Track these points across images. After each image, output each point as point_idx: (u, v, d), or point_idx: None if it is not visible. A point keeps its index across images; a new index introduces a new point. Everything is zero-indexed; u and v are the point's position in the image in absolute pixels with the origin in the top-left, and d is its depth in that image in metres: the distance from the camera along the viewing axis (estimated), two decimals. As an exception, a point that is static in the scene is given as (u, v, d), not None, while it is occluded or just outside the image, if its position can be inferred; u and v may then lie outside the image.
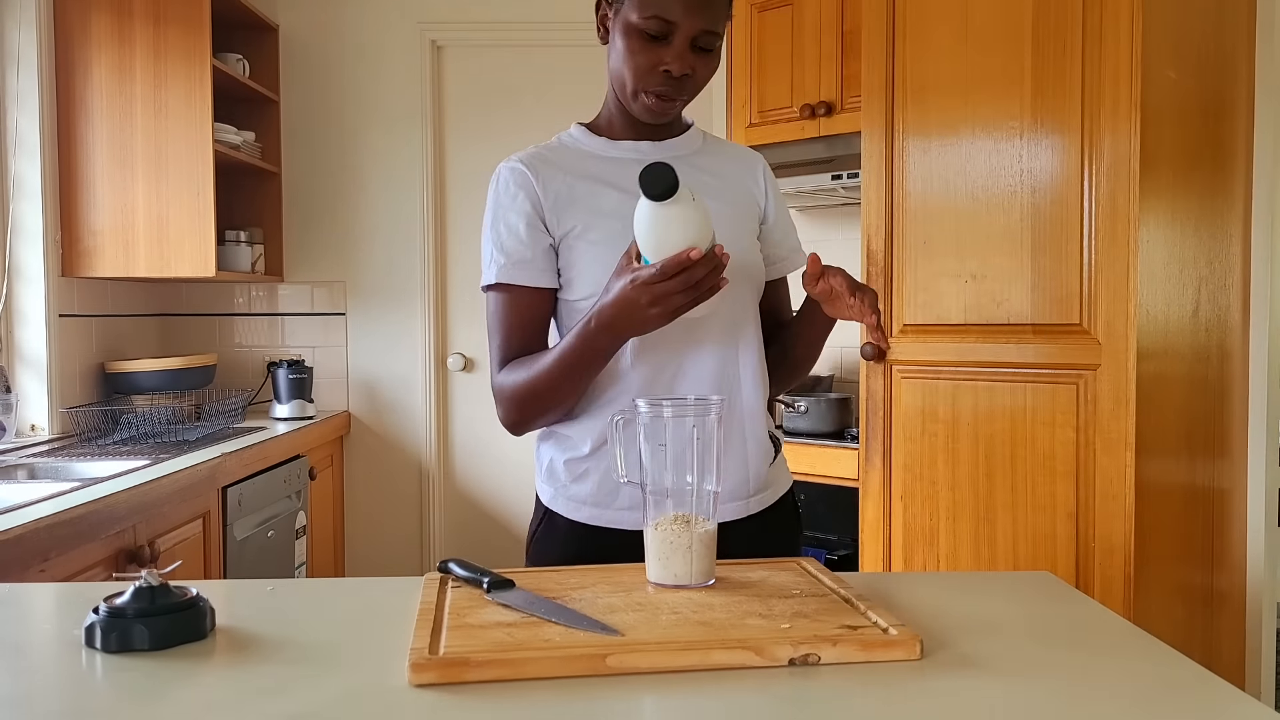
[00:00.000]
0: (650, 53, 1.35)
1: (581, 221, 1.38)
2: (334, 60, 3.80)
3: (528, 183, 1.40)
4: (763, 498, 1.46)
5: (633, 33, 1.34)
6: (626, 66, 1.36)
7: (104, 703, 0.91)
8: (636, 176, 1.36)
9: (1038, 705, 0.87)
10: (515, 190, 1.40)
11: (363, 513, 3.87)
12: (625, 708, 0.87)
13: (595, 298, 1.34)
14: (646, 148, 1.44)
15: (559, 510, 1.44)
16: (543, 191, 1.40)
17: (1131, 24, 2.08)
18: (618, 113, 1.45)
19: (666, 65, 1.34)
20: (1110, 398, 2.12)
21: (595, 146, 1.45)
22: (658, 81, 1.36)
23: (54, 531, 1.87)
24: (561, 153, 1.45)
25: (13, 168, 2.94)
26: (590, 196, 1.40)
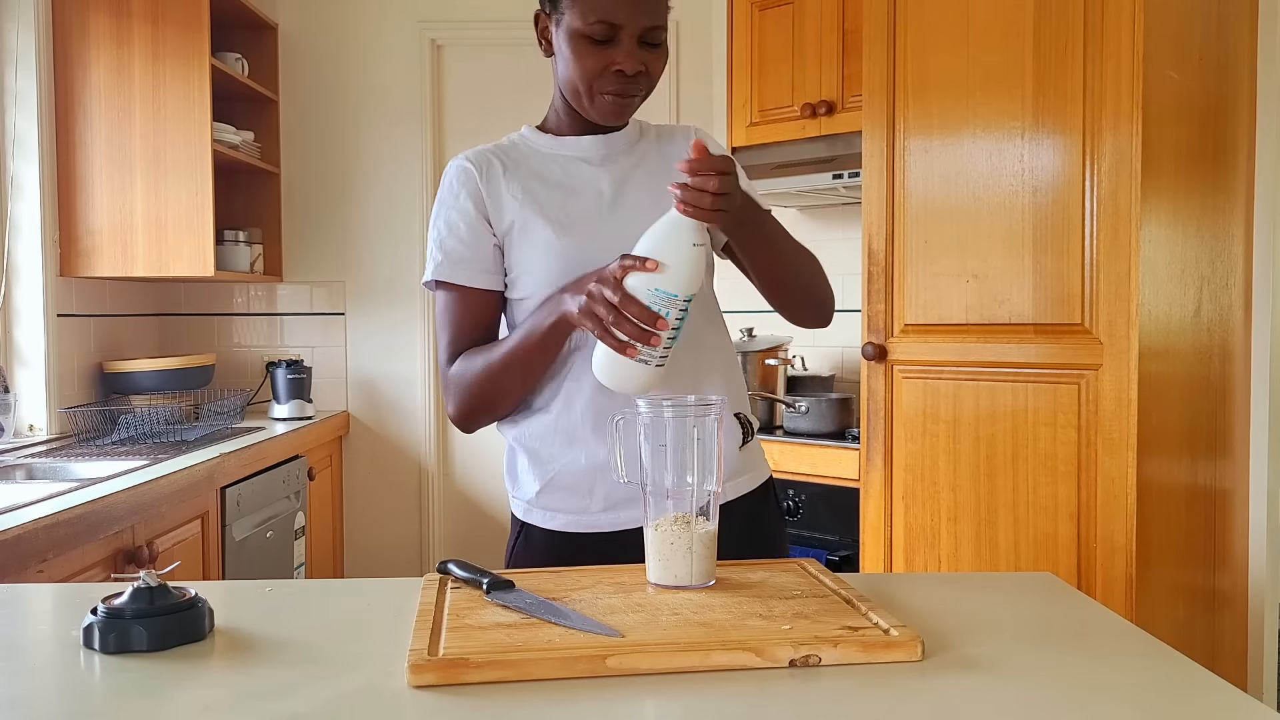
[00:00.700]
0: (599, 56, 1.35)
1: (521, 218, 1.39)
2: (334, 60, 3.79)
3: (471, 180, 1.41)
4: (737, 484, 1.44)
5: (579, 39, 1.35)
6: (578, 73, 1.36)
7: (102, 704, 0.90)
8: (579, 173, 1.39)
9: (1039, 706, 0.86)
10: (458, 189, 1.41)
11: (362, 513, 3.86)
12: (625, 709, 0.86)
13: (540, 294, 1.35)
14: (588, 143, 1.44)
15: (534, 522, 1.42)
16: (486, 189, 1.40)
17: (1133, 24, 2.08)
18: (565, 114, 1.45)
19: (619, 65, 1.34)
20: (1112, 398, 2.12)
21: (542, 144, 1.46)
22: (612, 82, 1.36)
23: (52, 532, 1.86)
24: (509, 151, 1.46)
25: (11, 167, 2.94)
26: (532, 194, 1.40)
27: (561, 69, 1.40)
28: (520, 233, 1.39)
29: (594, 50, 1.35)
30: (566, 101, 1.44)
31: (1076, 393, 2.18)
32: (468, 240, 1.39)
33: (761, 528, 1.48)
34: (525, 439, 1.42)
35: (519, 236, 1.39)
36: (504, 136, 1.50)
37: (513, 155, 1.45)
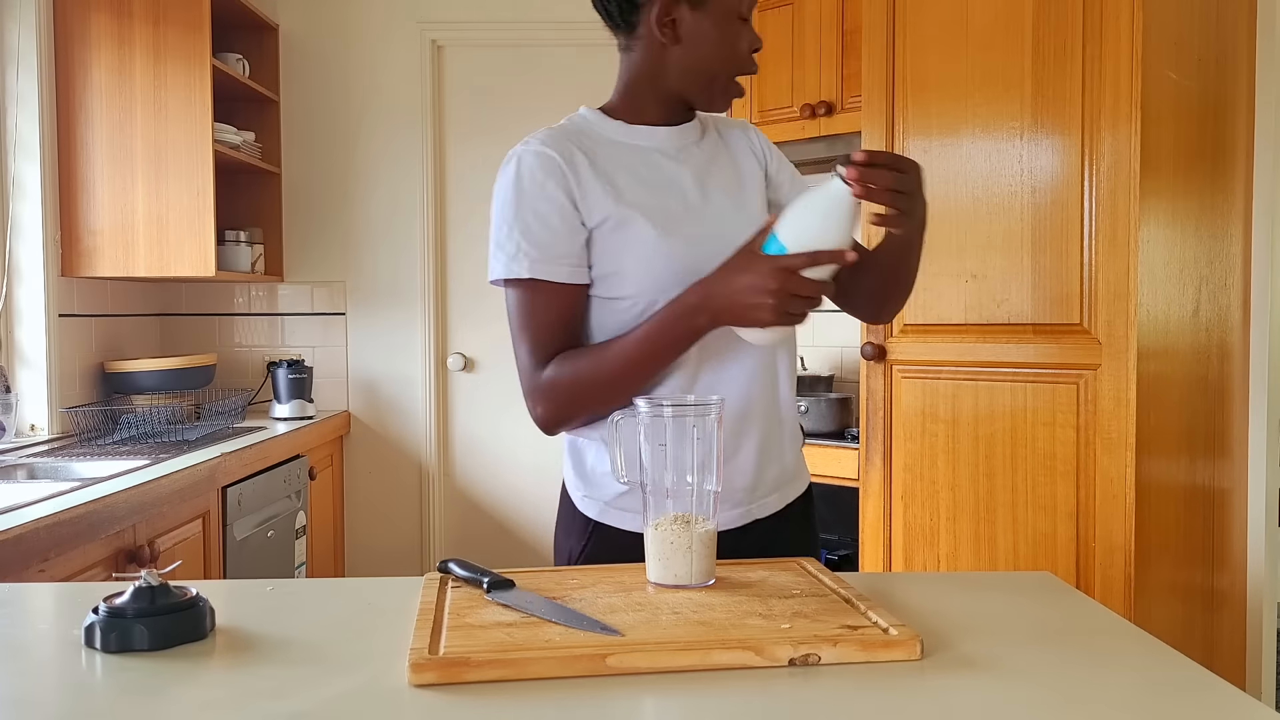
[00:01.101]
0: (744, 35, 1.34)
1: (617, 214, 1.30)
2: (334, 60, 3.79)
3: (556, 169, 1.30)
4: (796, 485, 1.46)
5: (731, 19, 1.32)
6: (725, 55, 1.33)
7: (104, 703, 0.90)
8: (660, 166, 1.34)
9: (1038, 705, 0.87)
10: (542, 177, 1.30)
11: (363, 513, 3.87)
12: (625, 708, 0.87)
13: (640, 296, 1.29)
14: (663, 134, 1.39)
15: (612, 523, 1.36)
16: (574, 178, 1.31)
17: (1132, 24, 2.08)
18: (645, 101, 1.38)
19: (755, 44, 1.35)
20: (1110, 397, 2.12)
21: (614, 131, 1.38)
22: (749, 63, 1.35)
23: (53, 531, 1.86)
24: (579, 136, 1.36)
25: (12, 168, 2.94)
26: (625, 189, 1.32)
27: (697, 55, 1.33)
28: (617, 229, 1.30)
29: (742, 29, 1.33)
30: (661, 91, 1.38)
31: (1075, 392, 2.18)
32: (561, 233, 1.29)
33: (811, 526, 1.51)
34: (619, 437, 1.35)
35: (614, 233, 1.30)
36: (563, 119, 1.40)
37: (586, 143, 1.35)
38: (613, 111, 1.41)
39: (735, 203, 1.40)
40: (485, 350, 3.88)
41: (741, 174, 1.45)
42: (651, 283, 1.30)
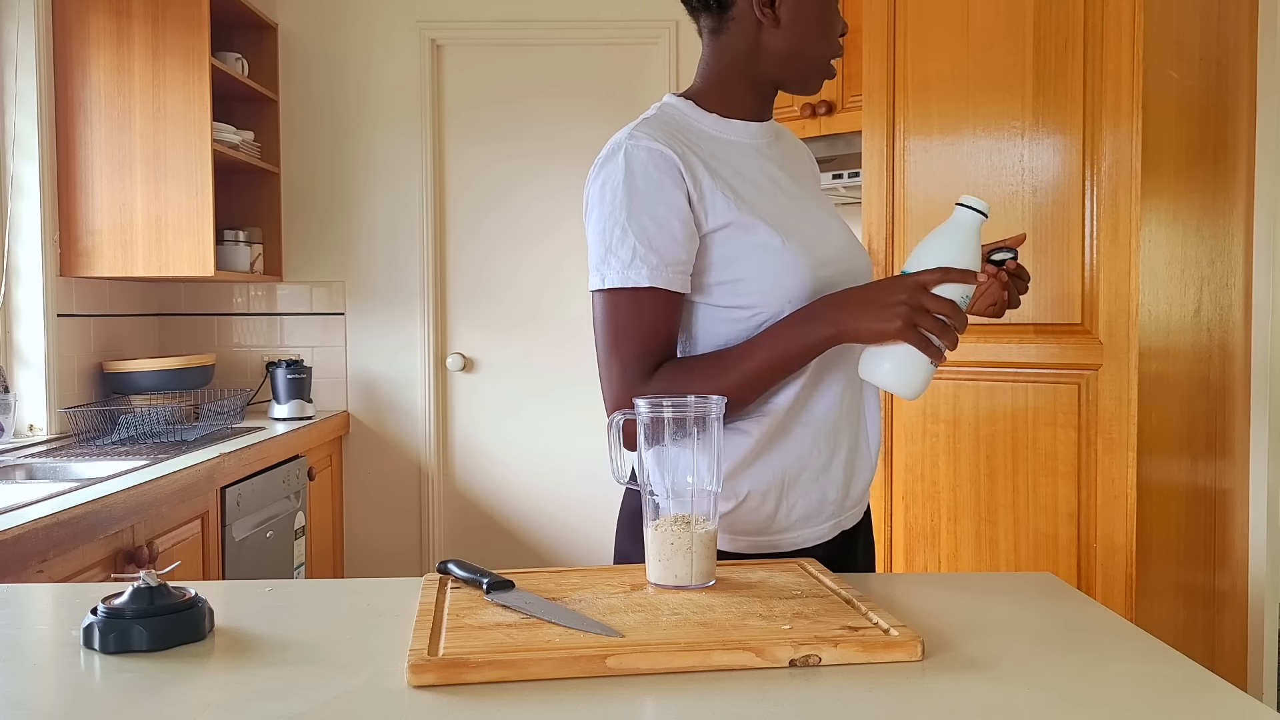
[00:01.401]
0: (838, 15, 1.34)
1: (740, 220, 1.24)
2: (333, 59, 3.79)
3: (674, 169, 1.23)
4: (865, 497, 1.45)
5: (828, 3, 1.32)
6: (826, 37, 1.32)
7: (102, 704, 0.90)
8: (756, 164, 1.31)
9: (1039, 706, 0.86)
10: (659, 177, 1.22)
11: (362, 513, 3.86)
12: (625, 709, 0.86)
13: (764, 305, 1.24)
14: (755, 129, 1.36)
15: None
16: (691, 180, 1.23)
17: (1133, 23, 2.08)
18: (737, 91, 1.34)
19: (844, 29, 1.34)
20: (1112, 398, 2.12)
21: (710, 125, 1.32)
22: (840, 46, 1.35)
23: (52, 532, 1.86)
24: (680, 131, 1.29)
25: (11, 167, 2.94)
26: (740, 191, 1.27)
27: (798, 36, 1.31)
28: (739, 235, 1.24)
29: (835, 12, 1.33)
30: (750, 76, 1.34)
31: (1076, 393, 2.17)
32: (681, 239, 1.22)
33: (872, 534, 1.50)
34: None
35: (737, 239, 1.24)
36: (651, 108, 1.33)
37: (690, 137, 1.28)
38: (703, 101, 1.34)
39: (824, 204, 1.41)
40: (484, 350, 3.87)
41: (812, 185, 1.46)
42: (777, 291, 1.24)
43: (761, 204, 1.28)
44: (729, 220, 1.24)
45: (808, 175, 1.45)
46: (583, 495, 3.82)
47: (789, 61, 1.33)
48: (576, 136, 3.79)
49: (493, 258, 3.85)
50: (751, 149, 1.34)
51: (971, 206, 1.21)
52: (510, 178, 3.82)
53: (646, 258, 1.21)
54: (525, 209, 3.83)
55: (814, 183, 1.47)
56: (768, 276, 1.25)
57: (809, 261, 1.27)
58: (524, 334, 3.86)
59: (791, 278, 1.25)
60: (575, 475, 3.83)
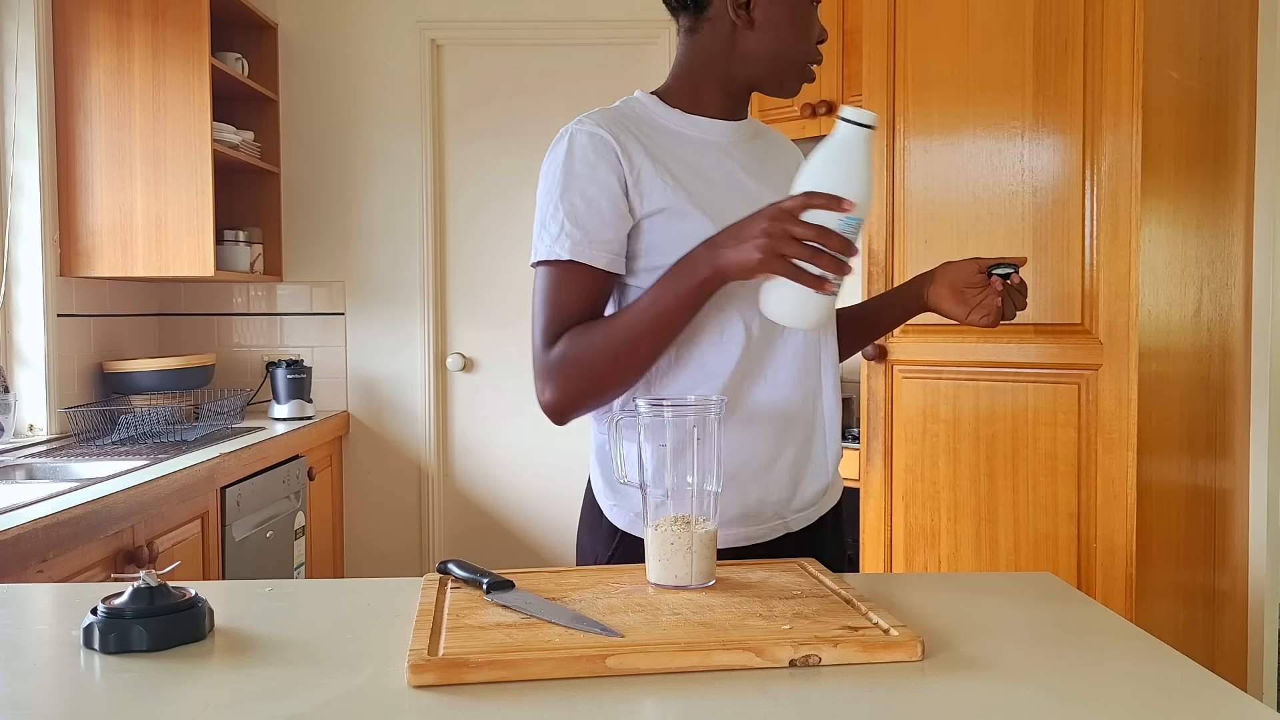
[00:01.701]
0: (815, 21, 1.34)
1: (674, 206, 1.27)
2: (333, 59, 3.79)
3: (610, 153, 1.26)
4: (830, 497, 1.43)
5: (803, 5, 1.32)
6: (802, 41, 1.32)
7: (102, 704, 0.90)
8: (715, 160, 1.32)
9: (1039, 706, 0.86)
10: (595, 159, 1.26)
11: (362, 513, 3.86)
12: (625, 709, 0.86)
13: None
14: (721, 127, 1.36)
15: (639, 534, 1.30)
16: (628, 165, 1.26)
17: (1133, 23, 2.08)
18: (705, 89, 1.35)
19: (822, 35, 1.34)
20: (1112, 398, 2.12)
21: (670, 119, 1.34)
22: (817, 53, 1.35)
23: (52, 532, 1.86)
24: (635, 121, 1.32)
25: (11, 167, 2.94)
26: (681, 179, 1.29)
27: (773, 39, 1.31)
28: (671, 221, 1.26)
29: (813, 17, 1.33)
30: (723, 77, 1.35)
31: (1076, 393, 2.17)
32: (610, 219, 1.25)
33: (840, 538, 1.49)
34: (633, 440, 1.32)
35: (670, 225, 1.26)
36: (618, 101, 1.37)
37: (643, 128, 1.31)
38: (670, 98, 1.36)
39: None
40: (484, 350, 3.87)
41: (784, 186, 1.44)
42: None
43: (703, 195, 1.29)
44: (663, 206, 1.27)
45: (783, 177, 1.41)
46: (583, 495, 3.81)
47: (764, 64, 1.34)
48: (576, 136, 3.79)
49: (492, 257, 3.84)
50: (714, 146, 1.35)
51: (852, 120, 1.11)
52: (510, 177, 3.82)
53: (572, 233, 1.24)
54: (525, 208, 3.81)
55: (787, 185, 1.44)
56: None
57: None
58: (524, 334, 3.83)
59: None
60: (575, 475, 3.81)
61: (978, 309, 1.38)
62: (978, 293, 1.38)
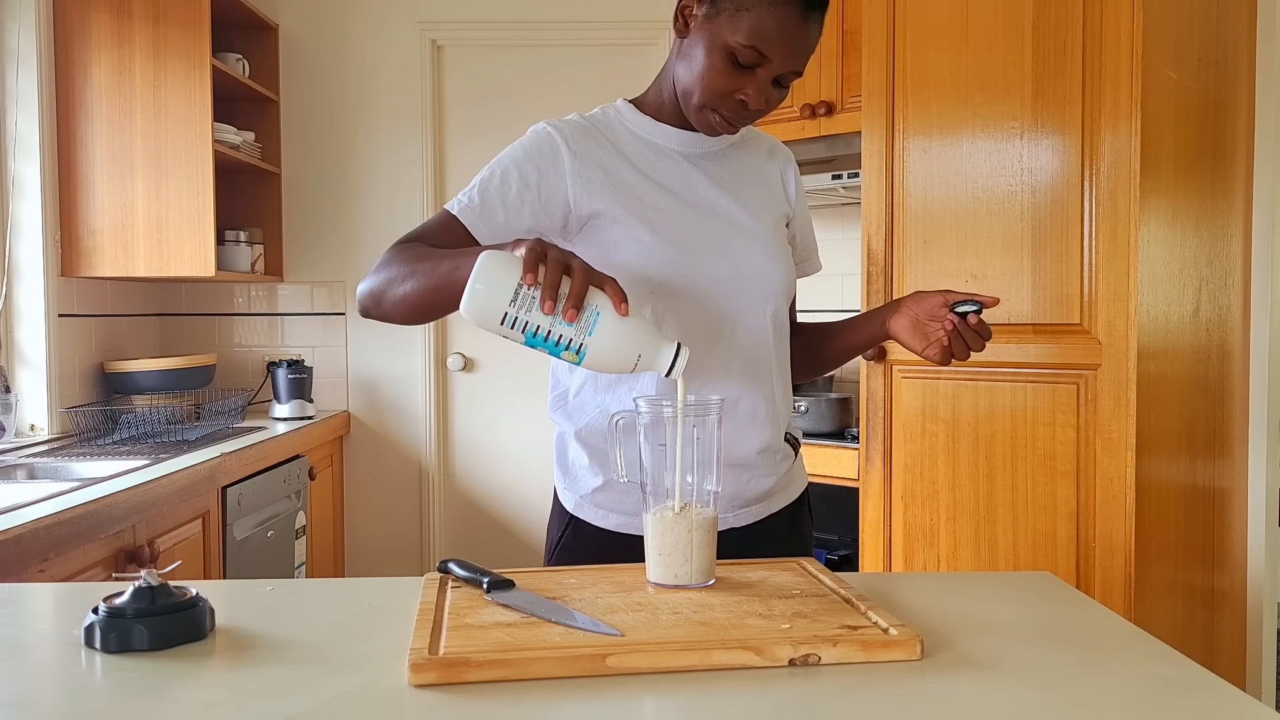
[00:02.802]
0: (732, 77, 1.27)
1: (614, 211, 1.32)
2: (334, 60, 3.79)
3: (553, 157, 1.32)
4: (783, 496, 1.46)
5: (721, 51, 1.27)
6: (701, 82, 1.29)
7: (103, 703, 0.90)
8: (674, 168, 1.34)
9: (1038, 705, 0.87)
10: (535, 155, 1.33)
11: (362, 513, 3.86)
12: (625, 708, 0.87)
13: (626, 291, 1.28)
14: (689, 138, 1.38)
15: (585, 518, 1.40)
16: (574, 169, 1.32)
17: (1132, 24, 2.08)
18: (670, 103, 1.38)
19: (744, 95, 1.28)
20: (1111, 397, 2.12)
21: (640, 125, 1.39)
22: (729, 106, 1.30)
23: (53, 532, 1.86)
24: (604, 128, 1.38)
25: (12, 167, 2.94)
26: (629, 186, 1.34)
27: (686, 66, 1.31)
28: (614, 226, 1.32)
29: (729, 69, 1.27)
30: (669, 84, 1.37)
31: (1075, 392, 2.18)
32: (510, 206, 1.31)
33: (797, 532, 1.49)
34: (587, 435, 1.38)
35: (611, 229, 1.32)
36: (597, 108, 1.42)
37: (608, 134, 1.37)
38: (643, 105, 1.41)
39: (753, 216, 1.40)
40: (485, 350, 3.87)
41: (767, 192, 1.45)
42: (636, 282, 1.30)
43: (648, 199, 1.33)
44: (601, 210, 1.32)
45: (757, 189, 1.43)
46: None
47: (679, 83, 1.34)
48: (577, 136, 3.79)
49: (493, 258, 3.84)
50: (677, 154, 1.38)
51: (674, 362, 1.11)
52: (510, 178, 3.81)
53: (473, 200, 1.32)
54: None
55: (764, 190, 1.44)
56: (628, 267, 1.30)
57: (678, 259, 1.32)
58: (524, 334, 3.86)
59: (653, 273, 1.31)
60: (575, 475, 3.83)
61: (933, 344, 1.35)
62: (937, 327, 1.34)
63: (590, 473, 1.39)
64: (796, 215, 1.50)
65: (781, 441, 1.44)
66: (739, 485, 1.40)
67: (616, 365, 1.11)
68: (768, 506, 1.44)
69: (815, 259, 1.56)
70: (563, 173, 1.32)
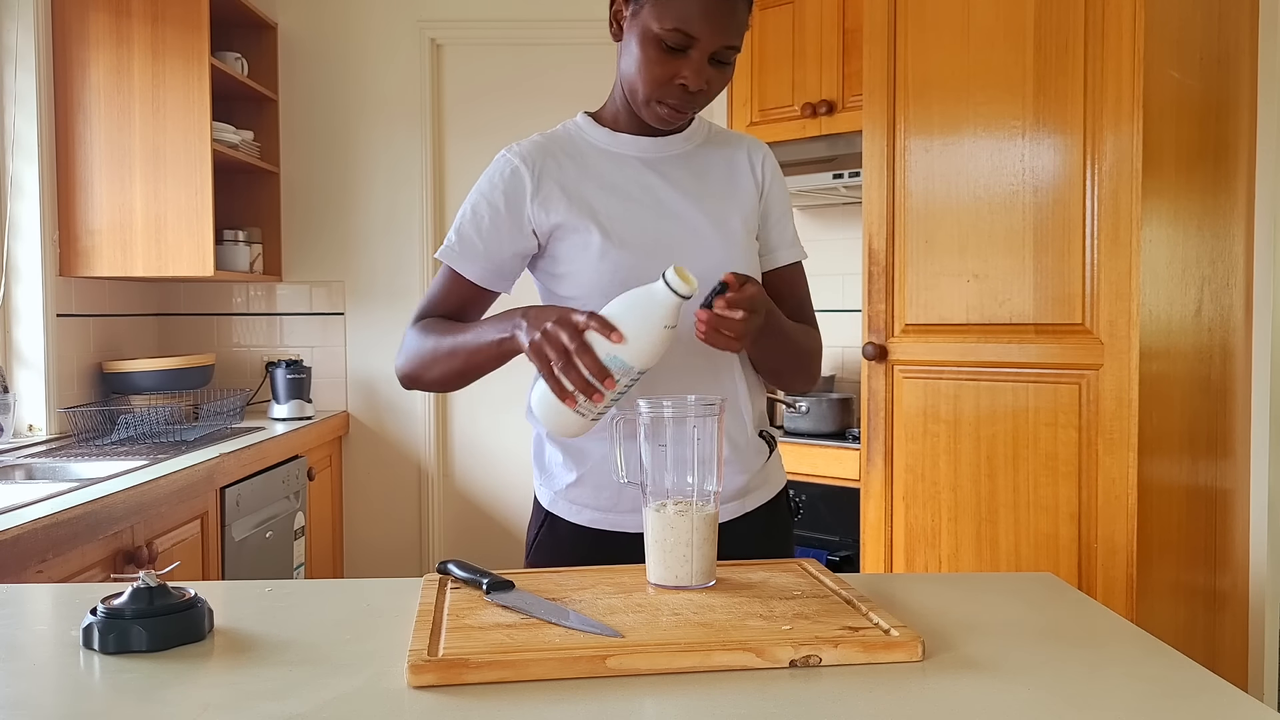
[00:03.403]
0: (667, 64, 1.30)
1: (571, 221, 1.36)
2: (333, 59, 3.79)
3: (515, 180, 1.38)
4: (760, 494, 1.45)
5: (651, 41, 1.30)
6: (641, 75, 1.32)
7: (102, 704, 0.90)
8: (634, 175, 1.36)
9: (1040, 706, 0.86)
10: (499, 182, 1.39)
11: (361, 513, 3.86)
12: (625, 709, 0.86)
13: (586, 299, 1.31)
14: (647, 143, 1.41)
15: (560, 513, 1.42)
16: (533, 188, 1.37)
17: (1134, 23, 2.08)
18: (624, 108, 1.41)
19: (683, 79, 1.30)
20: (1113, 398, 2.12)
21: (598, 138, 1.42)
22: (672, 94, 1.32)
23: (51, 532, 1.86)
24: (564, 143, 1.42)
25: (10, 167, 2.93)
26: (585, 196, 1.37)
27: (626, 63, 1.35)
28: (570, 235, 1.36)
29: (663, 57, 1.30)
30: (619, 90, 1.40)
31: (1077, 393, 2.17)
32: (486, 237, 1.39)
33: (775, 529, 1.49)
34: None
35: (568, 238, 1.37)
36: (559, 124, 1.46)
37: (567, 149, 1.41)
38: (599, 117, 1.45)
39: (712, 218, 1.40)
40: (485, 350, 3.87)
41: (733, 191, 1.44)
42: (596, 287, 1.34)
43: (605, 208, 1.37)
44: (561, 221, 1.37)
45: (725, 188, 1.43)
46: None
47: (624, 82, 1.37)
48: (576, 136, 3.80)
49: (493, 258, 3.84)
50: (634, 160, 1.41)
51: (670, 284, 1.16)
52: (510, 177, 3.81)
53: (454, 243, 1.40)
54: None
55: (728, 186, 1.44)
56: (589, 275, 1.35)
57: (635, 263, 1.33)
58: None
59: (611, 277, 1.33)
60: (575, 475, 3.83)
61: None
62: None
63: (564, 469, 1.41)
64: (772, 204, 1.48)
65: (755, 437, 1.44)
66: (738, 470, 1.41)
67: (663, 347, 1.18)
68: (742, 505, 1.43)
69: (796, 247, 1.51)
70: (524, 194, 1.37)
